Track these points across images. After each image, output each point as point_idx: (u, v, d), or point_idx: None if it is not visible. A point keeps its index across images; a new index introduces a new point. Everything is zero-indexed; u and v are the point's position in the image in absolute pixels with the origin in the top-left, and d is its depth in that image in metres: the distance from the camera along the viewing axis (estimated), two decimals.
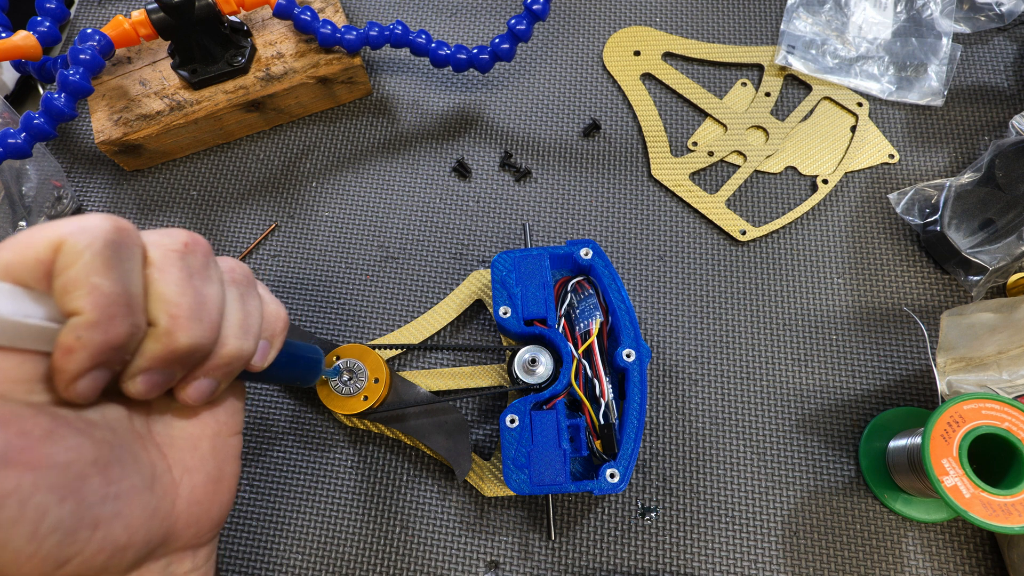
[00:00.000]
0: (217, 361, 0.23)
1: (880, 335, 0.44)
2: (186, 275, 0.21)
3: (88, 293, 0.18)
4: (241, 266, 0.26)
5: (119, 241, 0.19)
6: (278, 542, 0.42)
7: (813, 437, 0.42)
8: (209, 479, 0.25)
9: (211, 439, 0.25)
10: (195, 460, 0.24)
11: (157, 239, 0.22)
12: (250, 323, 0.24)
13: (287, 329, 0.28)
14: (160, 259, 0.21)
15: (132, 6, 0.59)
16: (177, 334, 0.21)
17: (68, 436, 0.19)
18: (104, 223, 0.19)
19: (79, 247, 0.18)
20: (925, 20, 0.52)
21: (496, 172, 0.51)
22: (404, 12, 0.57)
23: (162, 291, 0.21)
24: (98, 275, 0.18)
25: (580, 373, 0.39)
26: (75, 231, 0.19)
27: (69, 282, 0.18)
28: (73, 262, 0.18)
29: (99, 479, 0.20)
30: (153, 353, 0.21)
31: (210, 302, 0.22)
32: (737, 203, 0.49)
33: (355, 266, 0.48)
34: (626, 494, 0.42)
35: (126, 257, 0.20)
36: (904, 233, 0.47)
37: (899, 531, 0.40)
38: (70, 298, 0.18)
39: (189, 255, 0.22)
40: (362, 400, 0.40)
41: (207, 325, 0.22)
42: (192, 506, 0.24)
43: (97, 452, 0.20)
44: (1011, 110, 0.50)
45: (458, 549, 0.41)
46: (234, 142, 0.53)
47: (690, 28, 0.55)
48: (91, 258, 0.18)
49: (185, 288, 0.21)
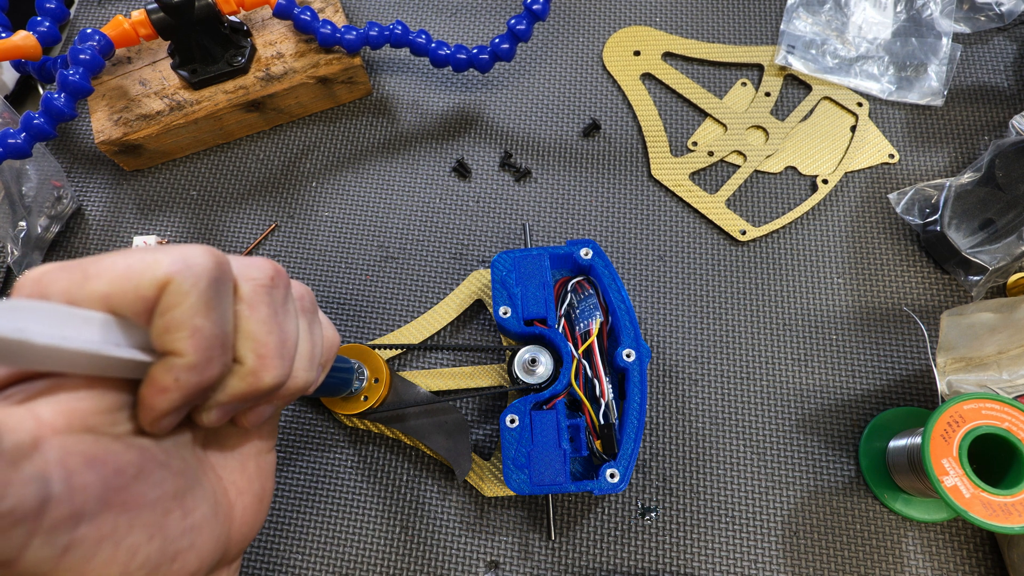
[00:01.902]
0: (285, 392, 0.23)
1: (880, 335, 0.44)
2: (272, 312, 0.21)
3: (191, 335, 0.18)
4: (308, 292, 0.25)
5: (220, 278, 0.19)
6: (278, 542, 0.42)
7: (813, 437, 0.42)
8: (255, 498, 0.25)
9: (255, 458, 0.25)
10: (245, 481, 0.24)
11: (246, 272, 0.21)
12: (315, 353, 0.24)
13: (338, 352, 0.28)
14: (250, 295, 0.21)
15: (132, 6, 0.59)
16: (262, 373, 0.21)
17: (155, 471, 0.19)
18: (207, 259, 0.19)
19: (185, 287, 0.18)
20: (925, 20, 0.52)
21: (496, 172, 0.51)
22: (404, 12, 0.57)
23: (252, 329, 0.20)
24: (201, 316, 0.18)
25: (580, 373, 0.39)
26: (182, 269, 0.18)
27: (172, 323, 0.18)
28: (179, 303, 0.18)
29: (179, 512, 0.20)
30: (236, 390, 0.20)
31: (290, 339, 0.22)
32: (737, 203, 0.49)
33: (355, 266, 0.48)
34: (626, 494, 0.42)
35: (224, 295, 0.19)
36: (904, 233, 0.47)
37: (899, 531, 0.40)
38: (172, 338, 0.18)
39: (275, 289, 0.22)
40: (362, 400, 0.40)
41: (287, 362, 0.22)
42: (243, 526, 0.24)
43: (176, 484, 0.20)
44: (1011, 110, 0.50)
45: (458, 549, 0.41)
46: (234, 142, 0.53)
47: (690, 28, 0.55)
48: (196, 299, 0.18)
49: (272, 326, 0.21)
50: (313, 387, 0.26)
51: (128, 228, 0.50)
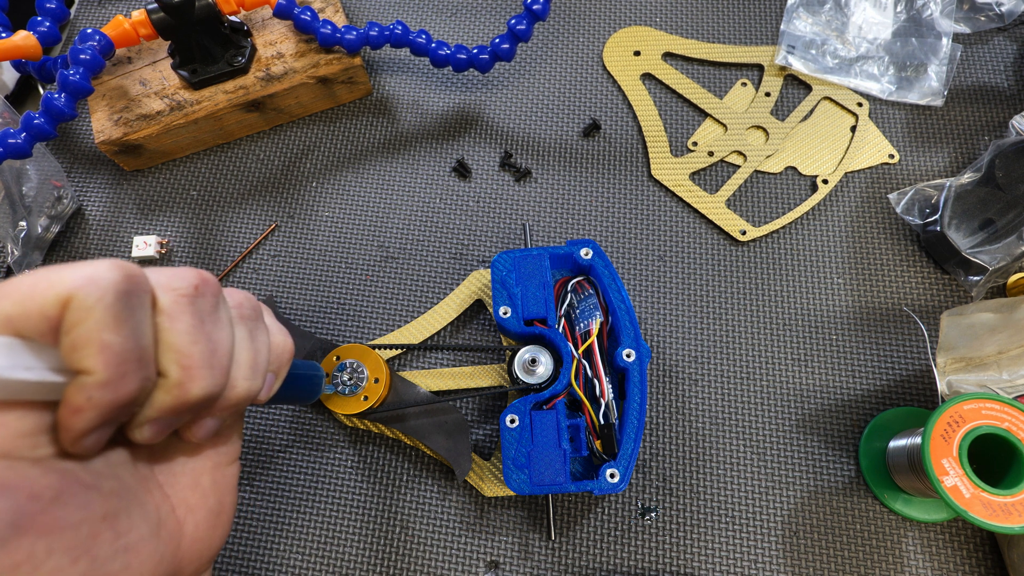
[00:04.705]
0: (225, 403, 0.22)
1: (880, 335, 0.44)
2: (197, 321, 0.21)
3: (99, 352, 0.17)
4: (249, 299, 0.25)
5: (130, 291, 0.18)
6: (278, 542, 0.42)
7: (813, 437, 0.42)
8: (210, 514, 0.24)
9: (211, 472, 0.24)
10: (197, 497, 0.24)
11: (166, 282, 0.21)
12: (259, 361, 0.24)
13: (292, 358, 0.27)
14: (170, 306, 0.20)
15: (132, 6, 0.59)
16: (188, 385, 0.20)
17: (78, 494, 0.19)
18: (113, 273, 0.18)
19: (89, 302, 0.17)
20: (925, 20, 0.52)
21: (496, 172, 0.51)
22: (404, 12, 0.57)
23: (173, 341, 0.20)
24: (109, 331, 0.17)
25: (580, 373, 0.39)
26: (84, 284, 0.17)
27: (79, 340, 0.17)
28: (83, 319, 0.17)
29: (109, 534, 0.19)
30: (163, 404, 0.20)
31: (221, 348, 0.21)
32: (737, 203, 0.49)
33: (355, 266, 0.48)
34: (626, 494, 0.42)
35: (136, 307, 0.19)
36: (904, 233, 0.47)
37: (899, 531, 0.40)
38: (79, 356, 0.17)
39: (199, 298, 0.21)
40: (362, 400, 0.40)
41: (218, 372, 0.21)
42: (195, 543, 0.23)
43: (106, 506, 0.19)
44: (1011, 110, 0.50)
45: (458, 549, 0.41)
46: (234, 142, 0.53)
47: (690, 28, 0.55)
48: (102, 314, 0.17)
49: (197, 336, 0.20)
50: (265, 395, 0.25)
51: (128, 228, 0.50)
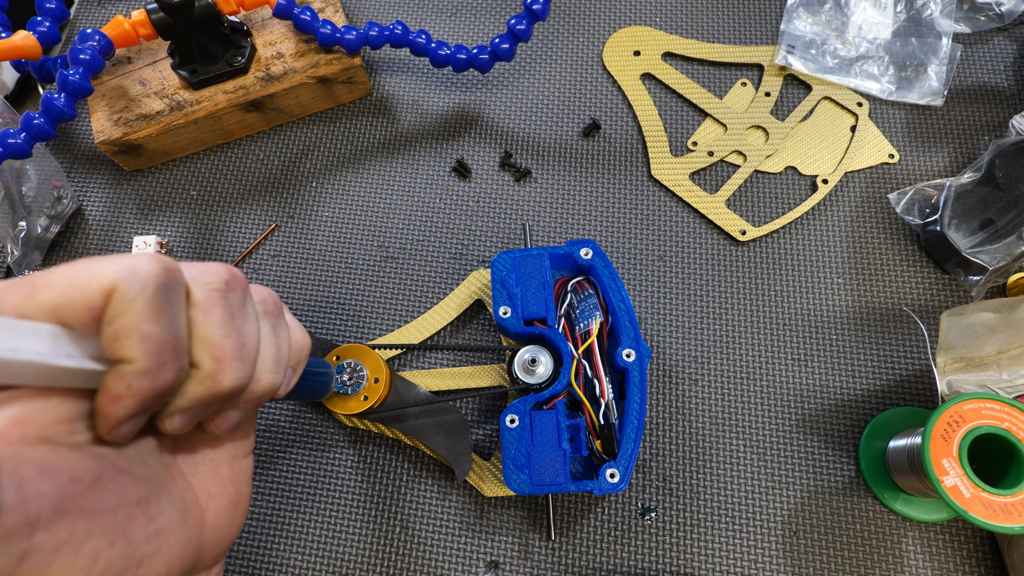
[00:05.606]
0: (250, 396, 0.23)
1: (880, 335, 0.44)
2: (228, 315, 0.21)
3: (140, 341, 0.18)
4: (272, 295, 0.26)
5: (168, 284, 0.19)
6: (278, 542, 0.42)
7: (813, 437, 0.42)
8: (229, 503, 0.25)
9: (229, 463, 0.25)
10: (217, 486, 0.25)
11: (199, 276, 0.21)
12: (281, 356, 0.25)
13: (309, 355, 0.28)
14: (204, 299, 0.21)
15: (132, 6, 0.59)
16: (220, 376, 0.21)
17: (115, 478, 0.19)
18: (153, 266, 0.19)
19: (131, 294, 0.18)
20: (925, 20, 0.52)
21: (496, 172, 0.51)
22: (404, 12, 0.57)
23: (207, 333, 0.21)
24: (149, 322, 0.18)
25: (580, 373, 0.39)
26: (126, 276, 0.18)
27: (121, 330, 0.18)
28: (125, 310, 0.18)
29: (142, 518, 0.20)
30: (195, 395, 0.21)
31: (250, 341, 0.22)
32: (737, 203, 0.49)
33: (355, 266, 0.48)
34: (626, 494, 0.42)
35: (174, 300, 0.19)
36: (904, 233, 0.47)
37: (899, 531, 0.40)
38: (121, 346, 0.18)
39: (230, 293, 0.22)
40: (362, 400, 0.40)
41: (247, 365, 0.22)
42: (216, 531, 0.24)
43: (139, 491, 0.20)
44: (1011, 110, 0.50)
45: (458, 549, 0.41)
46: (234, 142, 0.53)
47: (690, 28, 0.55)
48: (143, 305, 0.18)
49: (228, 329, 0.21)
50: (284, 390, 0.26)
51: (128, 228, 0.50)
